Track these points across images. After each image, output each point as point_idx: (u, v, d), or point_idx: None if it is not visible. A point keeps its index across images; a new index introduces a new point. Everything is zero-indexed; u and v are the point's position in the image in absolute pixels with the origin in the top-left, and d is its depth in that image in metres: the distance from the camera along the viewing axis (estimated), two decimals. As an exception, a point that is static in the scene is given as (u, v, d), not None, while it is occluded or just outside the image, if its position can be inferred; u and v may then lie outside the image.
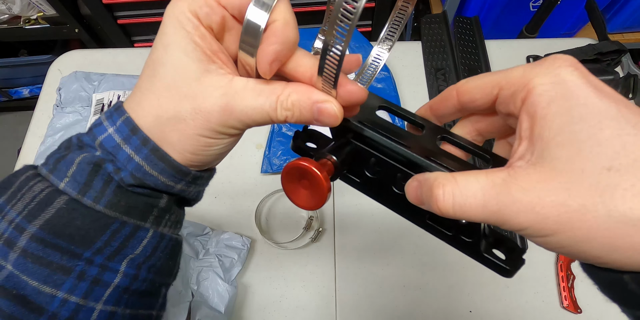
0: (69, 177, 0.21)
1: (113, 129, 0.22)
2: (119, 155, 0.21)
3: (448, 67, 0.77)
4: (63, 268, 0.20)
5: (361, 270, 0.62)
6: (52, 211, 0.20)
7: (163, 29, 0.21)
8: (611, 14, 1.34)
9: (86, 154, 0.22)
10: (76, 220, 0.21)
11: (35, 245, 0.20)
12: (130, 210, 0.22)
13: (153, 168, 0.22)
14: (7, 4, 1.19)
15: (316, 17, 1.19)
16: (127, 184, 0.22)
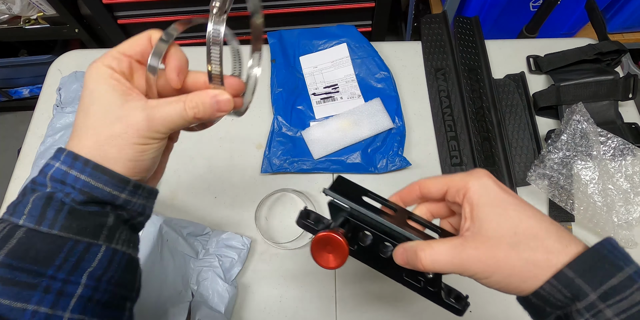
0: (26, 214, 0.26)
1: (59, 163, 0.27)
2: (67, 179, 0.26)
3: (448, 67, 0.77)
4: (30, 285, 0.24)
5: (361, 270, 0.62)
6: (14, 241, 0.25)
7: (87, 84, 0.28)
8: (611, 14, 1.34)
9: (38, 193, 0.27)
10: (36, 244, 0.25)
11: (4, 270, 0.24)
12: (82, 231, 0.26)
13: (98, 181, 0.27)
14: (7, 4, 1.19)
15: (316, 17, 1.19)
16: (78, 201, 0.26)
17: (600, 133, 0.65)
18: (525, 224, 0.28)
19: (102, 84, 0.28)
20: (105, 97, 0.28)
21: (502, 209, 0.29)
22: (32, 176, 0.65)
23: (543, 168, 0.64)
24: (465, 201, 0.30)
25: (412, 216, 0.33)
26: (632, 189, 0.63)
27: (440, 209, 0.35)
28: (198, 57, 0.83)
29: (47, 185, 0.27)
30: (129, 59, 0.30)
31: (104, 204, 0.28)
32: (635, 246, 0.62)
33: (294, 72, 0.76)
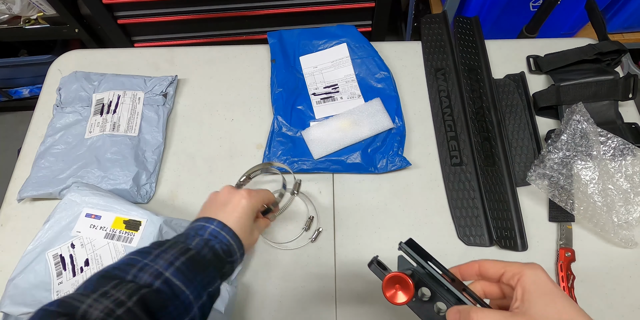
0: (193, 245, 0.43)
1: (214, 226, 0.46)
2: (219, 236, 0.45)
3: (448, 67, 0.77)
4: (190, 280, 0.40)
5: (361, 270, 0.62)
6: (189, 255, 0.41)
7: (243, 206, 0.48)
8: (611, 14, 1.34)
9: (201, 237, 0.44)
10: (199, 261, 0.41)
11: (182, 266, 0.40)
12: (216, 265, 0.43)
13: (233, 241, 0.46)
14: (7, 4, 1.19)
15: (316, 17, 1.19)
16: (223, 250, 0.44)
17: (600, 133, 0.65)
18: (568, 316, 0.31)
19: (250, 212, 0.49)
20: (249, 217, 0.49)
21: (551, 298, 0.32)
22: (33, 176, 0.65)
23: (543, 168, 0.64)
24: (519, 284, 0.34)
25: (466, 289, 0.37)
26: (632, 189, 0.63)
27: (493, 289, 0.38)
28: (198, 56, 0.83)
29: (205, 236, 0.44)
30: (261, 207, 0.53)
31: (229, 256, 0.45)
32: (635, 246, 0.62)
33: (294, 72, 0.76)
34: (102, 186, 0.64)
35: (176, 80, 0.76)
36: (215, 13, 1.15)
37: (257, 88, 0.77)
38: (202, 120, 0.75)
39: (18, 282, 0.55)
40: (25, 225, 0.66)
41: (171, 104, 0.75)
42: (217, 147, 0.72)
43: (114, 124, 0.69)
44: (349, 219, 0.65)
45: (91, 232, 0.57)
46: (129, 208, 0.59)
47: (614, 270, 0.61)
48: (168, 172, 0.70)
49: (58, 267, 0.56)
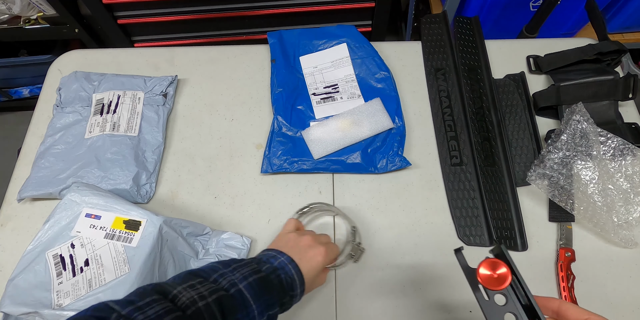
0: (264, 269, 0.46)
1: (290, 267, 0.48)
2: (286, 268, 0.47)
3: (448, 67, 0.77)
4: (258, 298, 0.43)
5: (361, 270, 0.62)
6: (260, 275, 0.44)
7: (316, 260, 0.50)
8: (611, 14, 1.34)
9: (270, 265, 0.47)
10: (269, 281, 0.45)
11: (254, 282, 0.43)
12: (280, 292, 0.45)
13: (297, 277, 0.47)
14: (7, 4, 1.19)
15: (316, 17, 1.19)
16: (287, 282, 0.46)
17: (600, 133, 0.65)
18: None
19: (321, 267, 0.51)
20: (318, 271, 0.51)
21: None
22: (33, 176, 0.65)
23: (543, 168, 0.64)
24: None
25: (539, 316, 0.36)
26: (632, 189, 0.63)
27: None
28: (198, 57, 0.83)
29: (274, 265, 0.47)
30: None
31: (290, 290, 0.46)
32: (635, 246, 0.62)
33: (294, 72, 0.76)
34: (102, 186, 0.64)
35: (176, 80, 0.76)
36: (215, 13, 1.15)
37: (257, 88, 0.77)
38: (202, 120, 0.75)
39: (18, 282, 0.55)
40: (25, 225, 0.66)
41: (171, 104, 0.75)
42: (217, 147, 0.72)
43: (114, 124, 0.69)
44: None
45: (91, 232, 0.57)
46: (129, 208, 0.59)
47: (614, 270, 0.61)
48: (168, 172, 0.70)
49: (58, 267, 0.56)
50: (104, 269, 0.55)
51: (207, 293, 0.40)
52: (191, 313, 0.37)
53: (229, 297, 0.41)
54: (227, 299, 0.40)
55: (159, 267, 0.56)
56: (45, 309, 0.53)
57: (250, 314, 0.42)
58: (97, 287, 0.54)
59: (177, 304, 0.38)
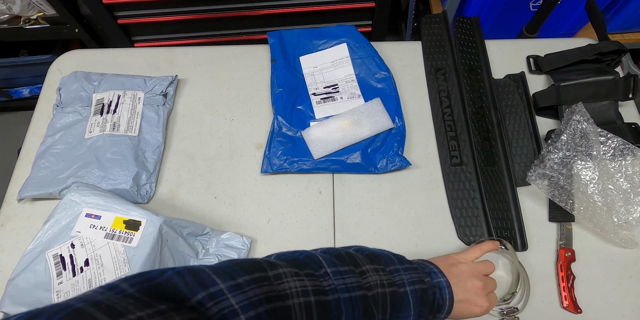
0: (425, 281, 0.45)
1: (444, 280, 0.46)
2: (442, 292, 0.45)
3: (448, 67, 0.77)
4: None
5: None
6: (421, 287, 0.44)
7: (473, 311, 0.48)
8: (611, 14, 1.34)
9: (429, 279, 0.46)
10: (428, 296, 0.44)
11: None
12: (425, 306, 0.44)
13: (449, 300, 0.45)
14: (7, 4, 1.19)
15: (316, 17, 1.19)
16: (440, 303, 0.45)
17: (600, 133, 0.65)
18: None
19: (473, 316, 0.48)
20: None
21: None
22: (33, 176, 0.65)
23: (543, 168, 0.64)
24: None
25: None
26: (632, 189, 0.63)
27: None
28: (198, 57, 0.83)
29: (434, 280, 0.46)
30: None
31: (437, 311, 0.45)
32: (635, 246, 0.62)
33: (294, 72, 0.76)
34: (102, 186, 0.64)
35: (176, 80, 0.76)
36: (215, 13, 1.15)
37: (257, 88, 0.77)
38: (202, 120, 0.75)
39: (18, 282, 0.55)
40: (25, 225, 0.66)
41: (171, 104, 0.75)
42: (217, 147, 0.72)
43: (114, 124, 0.69)
44: (349, 219, 0.65)
45: (91, 232, 0.57)
46: (129, 208, 0.59)
47: (614, 270, 0.61)
48: (168, 172, 0.70)
49: (58, 267, 0.56)
50: (104, 269, 0.55)
51: (387, 283, 0.41)
52: (372, 295, 0.39)
53: (399, 295, 0.42)
54: (397, 296, 0.41)
55: (159, 267, 0.56)
56: (45, 309, 0.53)
57: (407, 319, 0.42)
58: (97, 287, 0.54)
59: (362, 282, 0.39)
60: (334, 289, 0.37)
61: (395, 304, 0.41)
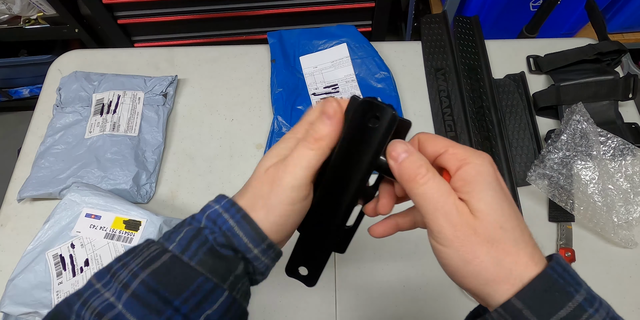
0: (176, 241, 0.28)
1: (218, 206, 0.30)
2: (218, 220, 0.29)
3: (448, 67, 0.77)
4: (157, 311, 0.26)
5: (361, 270, 0.62)
6: (159, 263, 0.27)
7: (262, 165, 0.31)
8: (611, 14, 1.34)
9: (191, 226, 0.29)
10: (174, 271, 0.27)
11: (142, 287, 0.26)
12: (214, 271, 0.28)
13: (240, 229, 0.29)
14: (7, 4, 1.19)
15: (316, 17, 1.19)
16: (218, 242, 0.28)
17: (600, 133, 0.65)
18: (512, 224, 0.27)
19: (294, 192, 0.30)
20: (294, 204, 0.30)
21: (497, 197, 0.27)
22: (33, 176, 0.65)
23: (543, 168, 0.64)
24: (459, 173, 0.27)
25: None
26: (632, 189, 0.63)
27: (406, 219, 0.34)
28: (198, 57, 0.83)
29: (202, 222, 0.30)
30: None
31: (238, 251, 0.29)
32: (635, 246, 0.62)
33: (294, 72, 0.76)
34: (102, 186, 0.64)
35: (176, 80, 0.76)
36: (215, 13, 1.15)
37: (257, 88, 0.77)
38: (202, 120, 0.75)
39: (18, 282, 0.55)
40: (25, 225, 0.66)
41: (171, 104, 0.75)
42: (217, 147, 0.72)
43: (114, 124, 0.69)
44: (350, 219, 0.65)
45: (91, 232, 0.57)
46: (129, 208, 0.59)
47: (614, 270, 0.61)
48: (168, 172, 0.70)
49: (58, 267, 0.56)
50: (104, 269, 0.55)
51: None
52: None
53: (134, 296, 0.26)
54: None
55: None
56: (45, 309, 0.53)
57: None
58: (97, 287, 0.54)
59: None
60: None
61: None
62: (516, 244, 0.26)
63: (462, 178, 0.27)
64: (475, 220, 0.26)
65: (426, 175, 0.27)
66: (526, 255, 0.26)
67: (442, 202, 0.27)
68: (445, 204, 0.27)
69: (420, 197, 0.27)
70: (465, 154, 0.28)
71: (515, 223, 0.27)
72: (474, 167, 0.27)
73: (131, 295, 0.26)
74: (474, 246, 0.26)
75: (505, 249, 0.26)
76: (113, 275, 0.27)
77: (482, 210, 0.26)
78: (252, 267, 0.30)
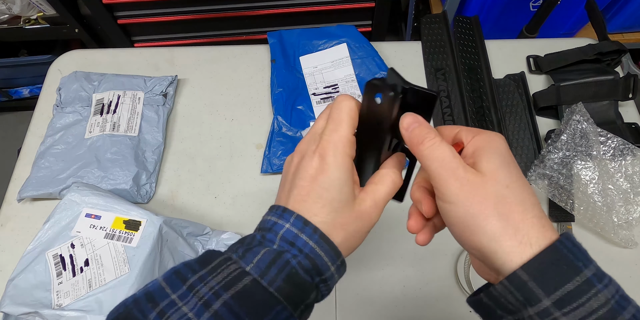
0: (254, 263, 0.27)
1: (289, 224, 0.28)
2: (297, 242, 0.28)
3: (448, 67, 0.77)
4: None
5: (361, 270, 0.62)
6: (241, 286, 0.26)
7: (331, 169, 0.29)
8: (611, 14, 1.34)
9: (268, 248, 0.28)
10: (255, 296, 0.26)
11: (225, 309, 0.25)
12: (290, 298, 0.27)
13: (321, 249, 0.28)
14: (7, 4, 1.19)
15: (316, 17, 1.19)
16: (304, 266, 0.28)
17: (600, 133, 0.65)
18: (519, 185, 0.27)
19: (345, 174, 0.29)
20: (345, 184, 0.29)
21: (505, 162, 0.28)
22: (33, 176, 0.65)
23: (543, 168, 0.64)
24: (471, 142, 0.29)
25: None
26: (632, 189, 0.63)
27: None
28: (198, 57, 0.83)
29: (275, 242, 0.28)
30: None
31: (316, 275, 0.28)
32: (635, 246, 0.62)
33: (294, 72, 0.76)
34: (102, 186, 0.64)
35: (176, 80, 0.76)
36: (215, 13, 1.15)
37: (257, 88, 0.77)
38: (202, 120, 0.75)
39: (18, 282, 0.55)
40: (25, 225, 0.66)
41: (171, 104, 0.75)
42: (217, 147, 0.72)
43: (114, 124, 0.69)
44: (349, 219, 0.65)
45: (91, 232, 0.57)
46: (129, 208, 0.59)
47: (614, 270, 0.61)
48: (168, 172, 0.70)
49: (58, 267, 0.56)
50: (104, 269, 0.55)
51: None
52: None
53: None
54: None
55: (159, 267, 0.56)
56: (45, 309, 0.53)
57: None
58: (97, 287, 0.54)
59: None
60: None
61: None
62: (523, 203, 0.27)
63: (473, 145, 0.29)
64: (482, 177, 0.27)
65: (434, 139, 0.29)
66: (534, 217, 0.26)
67: (449, 160, 0.28)
68: (452, 161, 0.28)
69: (427, 158, 0.28)
70: (480, 130, 0.30)
71: (522, 184, 0.27)
72: (485, 137, 0.29)
73: (213, 315, 0.25)
74: (481, 200, 0.26)
75: (511, 206, 0.26)
76: (190, 288, 0.26)
77: (490, 169, 0.27)
78: (321, 291, 0.30)
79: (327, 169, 0.29)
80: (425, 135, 0.29)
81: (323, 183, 0.29)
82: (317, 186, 0.29)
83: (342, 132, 0.29)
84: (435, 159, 0.28)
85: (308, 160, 0.29)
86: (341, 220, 0.29)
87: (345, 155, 0.29)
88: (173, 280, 0.27)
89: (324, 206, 0.29)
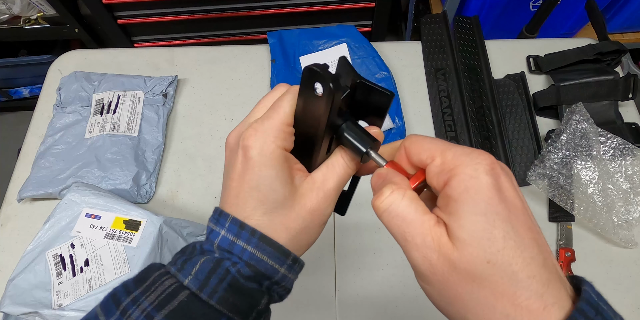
0: (192, 275, 0.25)
1: (224, 231, 0.26)
2: (234, 250, 0.25)
3: (448, 67, 0.77)
4: None
5: (361, 270, 0.62)
6: (176, 303, 0.24)
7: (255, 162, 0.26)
8: (611, 14, 1.34)
9: (208, 257, 0.26)
10: (193, 312, 0.24)
11: None
12: (235, 308, 0.25)
13: (263, 253, 0.25)
14: (7, 4, 1.19)
15: (316, 17, 1.19)
16: (244, 274, 0.25)
17: (600, 133, 0.65)
18: (509, 256, 0.20)
19: (275, 169, 0.26)
20: (277, 180, 0.26)
21: (486, 222, 0.21)
22: (33, 176, 0.65)
23: (543, 168, 0.64)
24: (445, 190, 0.22)
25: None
26: (632, 189, 0.63)
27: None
28: (198, 57, 0.83)
29: (214, 251, 0.26)
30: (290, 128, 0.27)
31: (263, 279, 0.26)
32: (635, 246, 0.62)
33: (294, 72, 0.76)
34: (102, 186, 0.64)
35: (176, 80, 0.76)
36: (215, 13, 1.15)
37: (257, 88, 0.77)
38: (202, 120, 0.75)
39: (18, 282, 0.55)
40: (25, 225, 0.66)
41: (171, 104, 0.75)
42: (217, 147, 0.72)
43: (114, 124, 0.69)
44: (349, 219, 0.65)
45: (91, 232, 0.57)
46: (129, 208, 0.59)
47: (614, 270, 0.61)
48: (168, 172, 0.70)
49: (58, 267, 0.56)
50: (104, 269, 0.55)
51: None
52: None
53: None
54: None
55: (159, 267, 0.56)
56: (45, 309, 0.53)
57: None
58: (97, 287, 0.54)
59: None
60: None
61: None
62: (514, 282, 0.20)
63: (447, 195, 0.22)
64: (454, 251, 0.21)
65: (391, 195, 0.24)
66: (530, 296, 0.20)
67: (412, 234, 0.23)
68: (416, 236, 0.22)
69: (387, 224, 0.24)
70: (455, 161, 0.22)
71: (514, 246, 0.20)
72: (461, 181, 0.21)
73: None
74: (454, 285, 0.21)
75: (495, 288, 0.20)
76: (123, 313, 0.24)
77: (463, 239, 0.21)
78: (277, 292, 0.28)
79: (253, 165, 0.25)
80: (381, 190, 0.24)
81: (251, 181, 0.25)
82: (245, 185, 0.26)
83: (274, 122, 0.25)
84: (397, 227, 0.24)
85: (234, 156, 0.26)
86: (281, 219, 0.26)
87: (275, 148, 0.25)
88: (109, 305, 0.25)
89: (256, 207, 0.26)
